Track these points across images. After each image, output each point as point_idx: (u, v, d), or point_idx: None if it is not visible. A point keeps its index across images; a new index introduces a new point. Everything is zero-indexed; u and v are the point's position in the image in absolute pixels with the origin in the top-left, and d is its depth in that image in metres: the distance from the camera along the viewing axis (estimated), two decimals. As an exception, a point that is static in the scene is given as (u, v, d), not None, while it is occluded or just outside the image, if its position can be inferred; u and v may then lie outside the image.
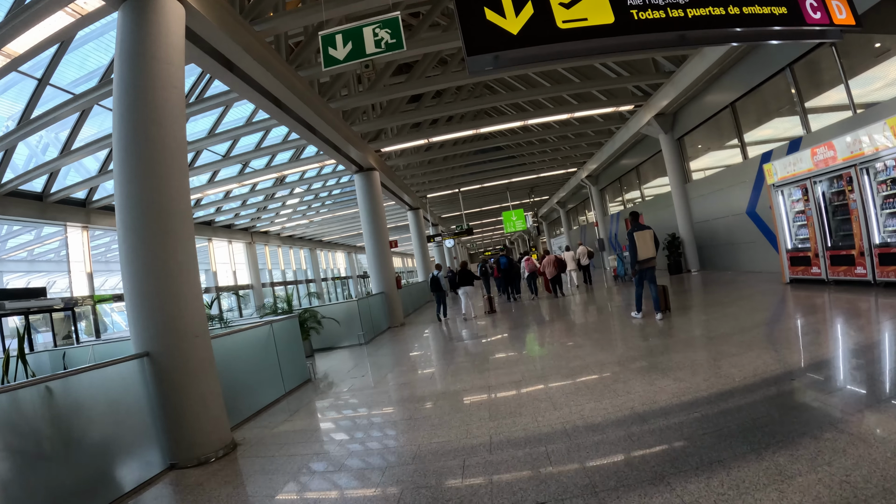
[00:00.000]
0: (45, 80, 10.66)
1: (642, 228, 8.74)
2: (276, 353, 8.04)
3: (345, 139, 13.58)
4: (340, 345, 12.51)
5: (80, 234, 18.30)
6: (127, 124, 5.49)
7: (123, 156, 5.43)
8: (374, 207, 15.41)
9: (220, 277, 26.94)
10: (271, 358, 7.93)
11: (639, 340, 6.99)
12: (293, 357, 8.64)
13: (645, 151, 19.04)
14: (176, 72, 5.94)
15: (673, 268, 15.94)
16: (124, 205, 5.41)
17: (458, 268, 14.37)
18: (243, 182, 18.67)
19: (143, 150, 5.46)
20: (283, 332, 8.48)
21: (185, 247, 5.64)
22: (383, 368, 8.58)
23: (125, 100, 5.53)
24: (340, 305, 12.95)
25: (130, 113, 5.50)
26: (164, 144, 5.58)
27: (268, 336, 7.98)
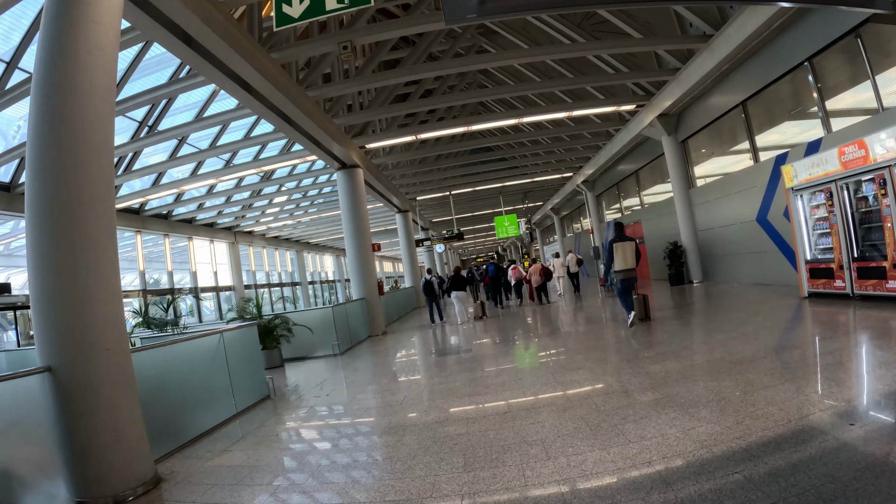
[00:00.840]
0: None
1: (625, 240, 8.69)
2: (227, 366, 6.97)
3: (325, 132, 12.55)
4: (314, 354, 11.48)
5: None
6: (41, 86, 4.46)
7: (33, 127, 4.40)
8: (356, 207, 14.35)
9: (201, 278, 25.75)
10: (220, 373, 6.86)
11: (647, 363, 5.96)
12: (249, 371, 7.57)
13: (645, 155, 18.12)
14: (106, 33, 4.86)
15: (674, 278, 14.97)
16: (30, 187, 4.38)
17: (451, 273, 14.48)
18: (227, 176, 17.51)
19: (53, 120, 4.42)
20: (237, 343, 7.41)
21: (99, 242, 4.56)
22: (352, 386, 7.51)
23: (42, 58, 4.49)
24: (315, 312, 11.91)
25: (46, 73, 4.46)
26: (81, 116, 4.52)
27: (216, 347, 6.91)
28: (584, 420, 4.29)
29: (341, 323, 11.86)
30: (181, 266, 25.76)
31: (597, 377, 5.64)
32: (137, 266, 21.71)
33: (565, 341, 8.52)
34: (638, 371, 5.59)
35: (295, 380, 8.87)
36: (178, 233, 23.82)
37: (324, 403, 6.61)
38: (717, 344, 6.38)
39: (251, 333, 7.77)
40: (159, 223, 22.31)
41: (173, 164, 15.77)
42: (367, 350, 11.28)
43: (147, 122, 15.01)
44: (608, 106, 14.91)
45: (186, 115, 15.25)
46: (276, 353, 11.03)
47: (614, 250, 8.55)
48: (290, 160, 15.95)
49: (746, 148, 12.41)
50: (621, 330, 8.59)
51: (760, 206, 11.70)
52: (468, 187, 25.18)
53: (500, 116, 15.14)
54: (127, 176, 16.10)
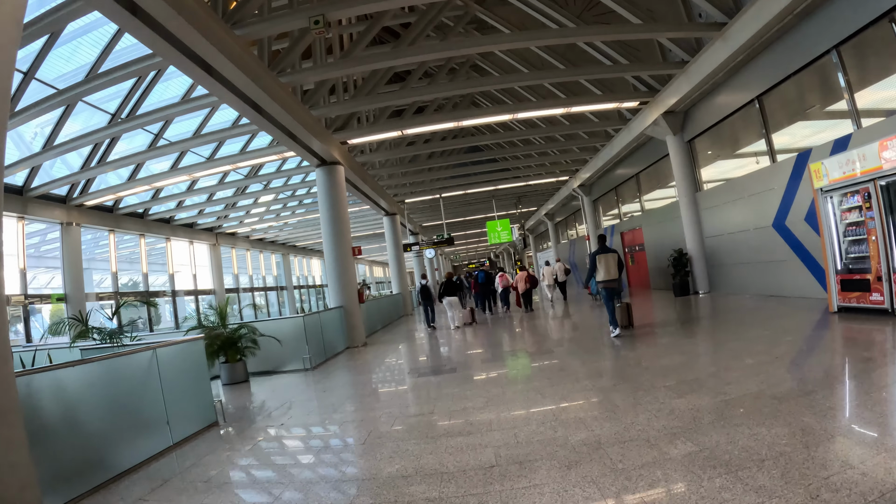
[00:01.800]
0: None
1: (607, 251, 9.01)
2: (161, 389, 5.81)
3: (300, 123, 11.42)
4: (283, 368, 10.33)
5: (14, 225, 16.01)
6: None
7: None
8: (336, 207, 13.20)
9: (179, 281, 24.47)
10: (152, 397, 5.72)
11: (668, 395, 4.83)
12: (191, 393, 6.41)
13: (647, 157, 17.09)
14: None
15: (679, 288, 13.89)
16: None
17: (443, 279, 14.57)
18: (203, 172, 16.24)
19: None
20: (177, 360, 6.26)
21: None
22: (313, 413, 6.35)
23: None
24: (285, 322, 10.73)
25: None
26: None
27: (148, 366, 5.76)
28: (596, 485, 3.15)
29: (314, 334, 10.70)
30: (158, 268, 24.53)
31: (607, 414, 4.51)
32: (110, 267, 20.51)
33: (563, 360, 7.39)
34: (659, 408, 4.46)
35: (255, 400, 7.73)
36: (154, 233, 22.58)
37: (274, 438, 5.46)
38: (749, 372, 5.27)
39: (194, 349, 6.59)
40: (134, 222, 21.08)
41: (152, 154, 14.44)
42: (342, 365, 10.12)
43: (120, 114, 13.91)
44: (608, 102, 13.87)
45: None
46: (240, 366, 9.91)
47: (598, 262, 8.88)
48: (265, 157, 14.76)
49: (763, 149, 11.38)
50: (624, 349, 7.50)
51: (778, 211, 10.66)
52: (459, 190, 24.07)
53: (492, 111, 14.02)
54: (100, 169, 14.86)
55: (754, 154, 11.88)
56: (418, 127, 13.43)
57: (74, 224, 17.78)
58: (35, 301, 17.18)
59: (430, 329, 14.41)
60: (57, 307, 18.73)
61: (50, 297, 17.48)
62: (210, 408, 6.51)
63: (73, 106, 12.07)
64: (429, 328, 14.58)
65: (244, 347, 9.95)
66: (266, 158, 14.91)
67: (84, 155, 14.69)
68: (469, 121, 13.49)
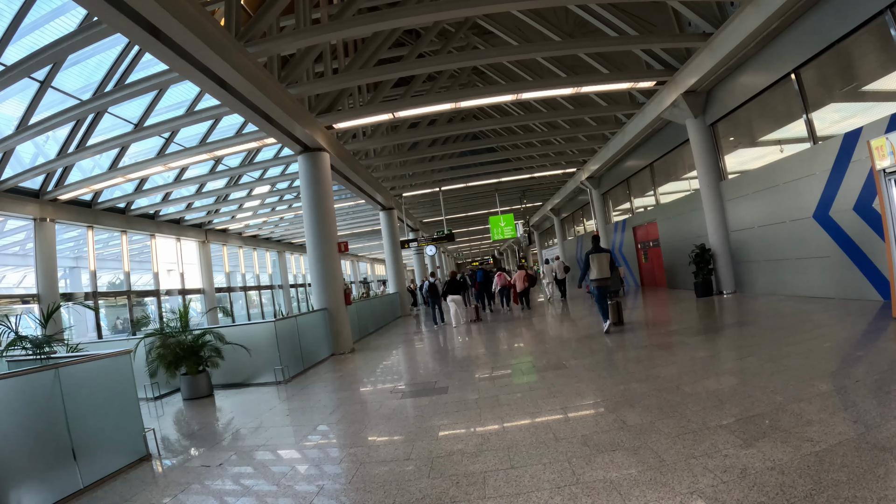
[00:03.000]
0: None
1: (600, 251, 9.20)
2: (67, 418, 4.59)
3: (278, 105, 10.15)
4: (254, 381, 9.13)
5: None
6: None
7: None
8: (319, 198, 11.88)
9: (165, 280, 23.23)
10: (54, 428, 4.50)
11: (734, 444, 3.50)
12: (115, 421, 5.17)
13: (663, 144, 15.70)
14: None
15: (701, 288, 12.50)
16: None
17: (447, 277, 14.94)
18: (175, 163, 14.96)
19: None
20: (92, 381, 5.02)
21: None
22: (265, 447, 5.03)
23: None
24: (255, 327, 9.45)
25: None
26: None
27: (50, 390, 4.52)
28: None
29: (289, 342, 9.43)
30: (142, 266, 23.32)
31: (650, 475, 3.16)
32: (88, 265, 19.30)
33: (577, 378, 6.04)
34: (725, 466, 3.11)
35: (208, 422, 6.48)
36: (137, 229, 21.32)
37: (217, 474, 4.20)
38: (829, 403, 3.93)
39: (118, 366, 5.30)
40: (115, 218, 19.83)
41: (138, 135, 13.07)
42: (320, 378, 8.83)
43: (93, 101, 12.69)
44: (620, 82, 12.45)
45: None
46: (202, 378, 8.70)
47: (591, 261, 9.11)
48: (243, 144, 13.44)
49: (800, 131, 10.00)
50: (656, 365, 6.17)
51: (821, 199, 9.28)
52: (460, 183, 22.70)
53: (493, 91, 12.50)
54: (77, 156, 13.53)
55: (789, 138, 10.50)
56: (412, 109, 12.06)
57: (48, 220, 16.57)
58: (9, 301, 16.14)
59: (437, 327, 14.67)
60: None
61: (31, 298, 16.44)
62: (139, 438, 5.25)
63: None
64: (435, 326, 14.88)
65: (206, 357, 8.74)
66: (243, 146, 13.55)
67: (60, 140, 13.42)
68: (468, 101, 12.09)
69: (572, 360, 7.01)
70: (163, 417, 7.20)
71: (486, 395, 5.75)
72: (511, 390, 5.82)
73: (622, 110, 15.44)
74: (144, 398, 8.70)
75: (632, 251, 19.43)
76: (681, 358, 6.23)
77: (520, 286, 16.73)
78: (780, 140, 10.85)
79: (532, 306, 17.14)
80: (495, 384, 6.21)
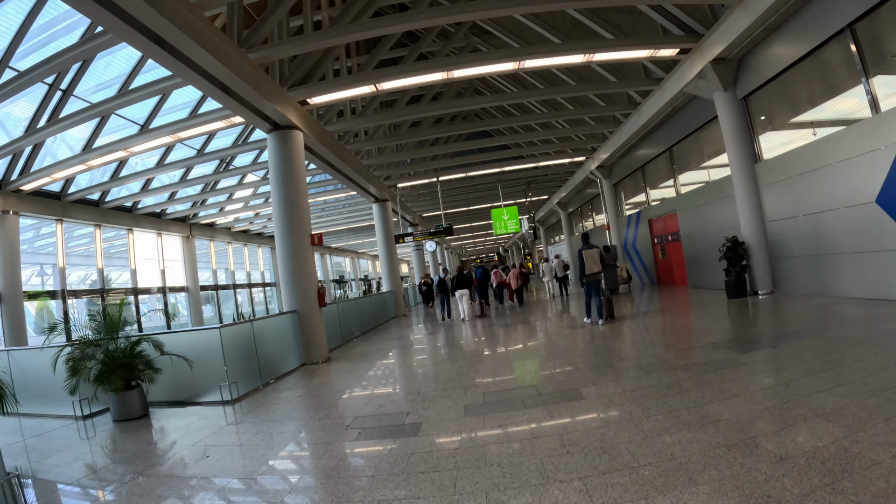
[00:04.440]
0: None
1: (590, 247, 9.79)
2: None
3: (237, 74, 8.57)
4: (201, 398, 7.55)
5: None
6: None
7: None
8: (288, 183, 10.26)
9: (144, 277, 21.69)
10: None
11: None
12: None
13: (684, 126, 13.93)
14: None
15: (733, 288, 10.76)
16: None
17: (455, 273, 15.34)
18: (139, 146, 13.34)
19: None
20: None
21: None
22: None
23: None
24: (200, 334, 7.89)
25: None
26: None
27: None
28: None
29: (242, 352, 7.86)
30: (118, 263, 21.82)
31: None
32: (57, 262, 17.78)
33: (602, 420, 4.42)
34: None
35: (101, 460, 4.88)
36: (112, 223, 19.75)
37: None
38: None
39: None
40: (87, 211, 18.31)
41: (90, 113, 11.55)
42: (278, 397, 7.23)
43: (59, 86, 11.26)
44: (638, 48, 10.71)
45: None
46: (134, 396, 7.22)
47: (584, 258, 9.60)
48: (204, 125, 11.82)
49: (859, 102, 8.27)
50: (709, 399, 4.51)
51: (886, 180, 7.57)
52: (459, 172, 20.97)
53: (492, 58, 10.74)
54: (35, 137, 11.97)
55: (836, 107, 8.78)
56: (398, 78, 10.36)
57: (11, 213, 15.09)
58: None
59: (441, 323, 14.92)
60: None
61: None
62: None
63: None
64: (441, 321, 15.20)
65: (139, 371, 7.20)
66: (204, 127, 11.92)
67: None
68: (463, 70, 10.37)
69: (589, 385, 5.34)
70: (62, 450, 5.59)
71: (469, 443, 4.10)
72: (506, 437, 4.15)
73: (636, 86, 13.68)
74: (73, 416, 7.31)
75: (647, 246, 17.65)
76: (740, 386, 4.56)
77: (514, 284, 17.23)
78: (825, 116, 9.13)
79: (528, 303, 17.50)
80: (485, 423, 4.54)
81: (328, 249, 42.13)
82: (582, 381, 5.56)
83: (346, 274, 49.01)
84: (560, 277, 17.95)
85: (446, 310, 15.62)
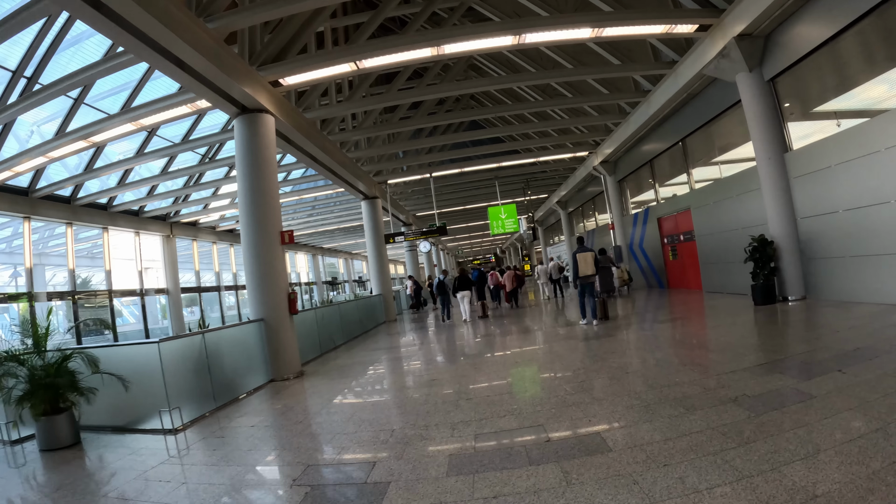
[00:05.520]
0: None
1: (585, 250, 9.92)
2: None
3: (191, 45, 7.36)
4: (142, 425, 6.36)
5: None
6: None
7: None
8: (255, 174, 9.00)
9: (119, 279, 20.38)
10: None
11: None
12: None
13: (700, 114, 12.69)
14: None
15: (760, 294, 9.52)
16: None
17: (457, 274, 15.34)
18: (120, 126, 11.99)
19: None
20: None
21: None
22: None
23: None
24: (138, 349, 6.61)
25: None
26: None
27: None
28: None
29: (187, 370, 6.62)
30: (92, 263, 20.53)
31: None
32: (25, 262, 16.49)
33: (647, 495, 3.22)
34: None
35: None
36: (84, 221, 18.44)
37: None
38: None
39: None
40: (57, 208, 17.02)
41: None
42: (230, 425, 5.98)
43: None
44: (653, 22, 9.49)
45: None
46: (62, 421, 6.03)
47: (578, 260, 9.81)
48: (172, 108, 10.54)
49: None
50: (796, 456, 3.29)
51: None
52: (454, 167, 19.71)
53: (487, 30, 9.39)
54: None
55: (888, 90, 7.58)
56: (381, 53, 9.08)
57: (-29, 209, 13.85)
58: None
59: (444, 323, 14.94)
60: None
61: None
62: None
63: None
64: (443, 322, 15.14)
65: (64, 393, 5.99)
66: (172, 111, 10.64)
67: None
68: (455, 44, 9.09)
69: (614, 425, 4.09)
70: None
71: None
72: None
73: (644, 70, 12.43)
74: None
75: (656, 247, 16.37)
76: (822, 434, 3.32)
77: (509, 286, 17.39)
78: (865, 99, 7.92)
79: (523, 305, 17.69)
80: (474, 489, 3.29)
81: (320, 251, 40.78)
82: (604, 417, 4.32)
83: (340, 275, 47.72)
84: (555, 280, 18.43)
85: (446, 311, 15.56)
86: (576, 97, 14.67)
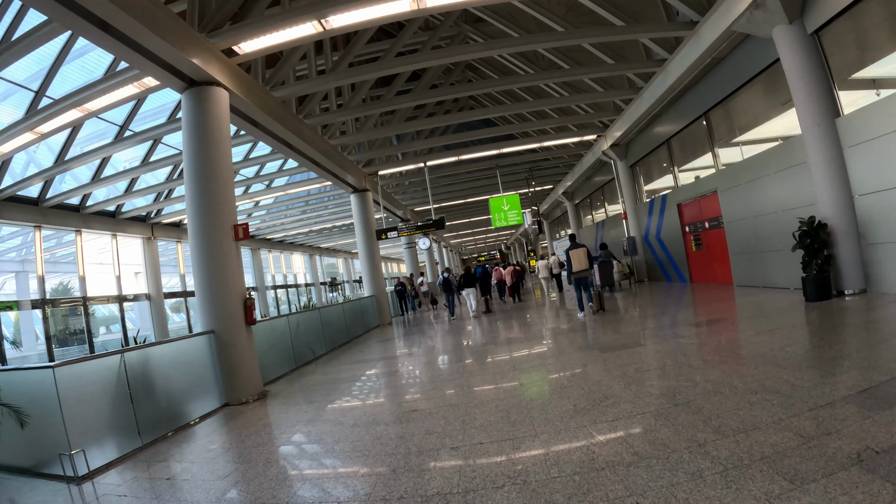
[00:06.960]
0: None
1: (577, 247, 10.42)
2: None
3: (117, 4, 5.93)
4: (47, 469, 4.97)
5: None
6: None
7: None
8: (201, 155, 7.54)
9: (94, 285, 19.02)
10: None
11: None
12: None
13: (725, 83, 11.08)
14: None
15: (814, 286, 7.88)
16: None
17: (463, 271, 15.50)
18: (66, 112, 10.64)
19: None
20: None
21: None
22: None
23: None
24: (29, 374, 5.20)
25: None
26: None
27: None
28: None
29: (101, 400, 5.20)
30: (64, 269, 19.22)
31: None
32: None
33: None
34: None
35: None
36: (54, 224, 17.10)
37: None
38: None
39: None
40: (23, 210, 15.69)
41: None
42: (150, 474, 4.58)
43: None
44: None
45: None
46: None
47: (571, 256, 10.30)
48: (115, 89, 9.06)
49: None
50: None
51: None
52: (451, 156, 18.15)
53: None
54: None
55: None
56: (349, 8, 7.55)
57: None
58: None
59: (448, 321, 15.04)
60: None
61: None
62: None
63: None
64: (448, 319, 15.35)
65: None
66: (114, 94, 9.14)
67: None
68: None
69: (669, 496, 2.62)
70: None
71: None
72: None
73: (657, 32, 10.78)
74: None
75: (676, 236, 14.67)
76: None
77: (509, 281, 17.97)
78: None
79: (525, 300, 18.13)
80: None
81: (318, 250, 39.37)
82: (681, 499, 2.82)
83: (340, 276, 46.34)
84: (556, 274, 18.54)
85: (451, 308, 15.80)
86: (573, 68, 13.05)
